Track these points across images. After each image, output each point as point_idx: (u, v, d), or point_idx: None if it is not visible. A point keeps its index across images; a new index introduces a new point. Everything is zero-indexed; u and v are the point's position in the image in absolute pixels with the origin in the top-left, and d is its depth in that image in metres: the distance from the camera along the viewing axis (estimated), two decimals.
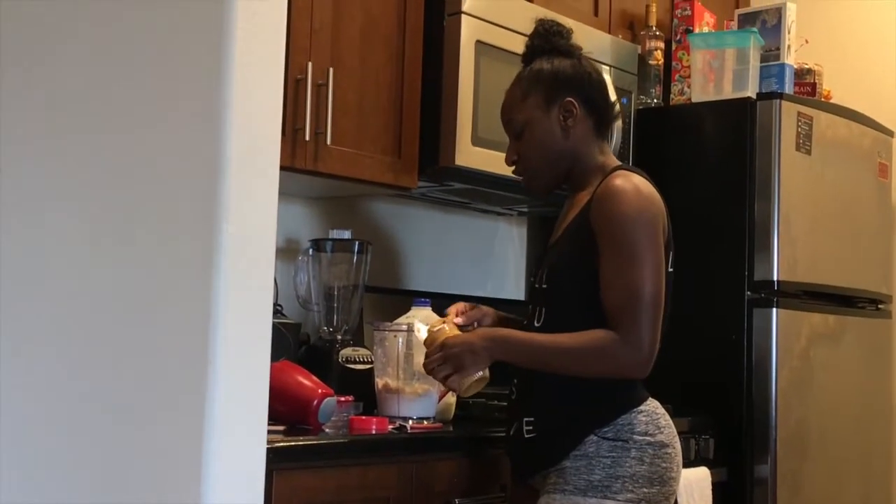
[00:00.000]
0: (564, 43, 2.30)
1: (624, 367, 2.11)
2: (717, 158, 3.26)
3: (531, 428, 2.19)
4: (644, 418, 2.15)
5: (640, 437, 2.13)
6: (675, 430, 2.21)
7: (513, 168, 2.33)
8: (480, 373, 2.17)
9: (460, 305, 2.35)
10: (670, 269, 2.23)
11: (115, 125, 1.93)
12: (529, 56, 2.32)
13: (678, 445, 2.20)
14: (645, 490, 2.11)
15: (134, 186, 1.89)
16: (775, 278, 3.11)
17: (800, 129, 3.20)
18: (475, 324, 2.33)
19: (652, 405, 2.19)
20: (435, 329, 2.23)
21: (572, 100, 2.24)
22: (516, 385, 2.26)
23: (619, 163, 2.30)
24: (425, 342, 2.23)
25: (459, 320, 2.30)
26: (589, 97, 2.27)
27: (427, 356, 2.19)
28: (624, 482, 2.09)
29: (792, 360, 3.13)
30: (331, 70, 2.53)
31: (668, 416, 2.21)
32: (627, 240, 2.12)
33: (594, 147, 2.28)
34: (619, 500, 2.09)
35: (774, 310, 3.09)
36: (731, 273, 3.15)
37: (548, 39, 2.30)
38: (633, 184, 2.16)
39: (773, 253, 3.11)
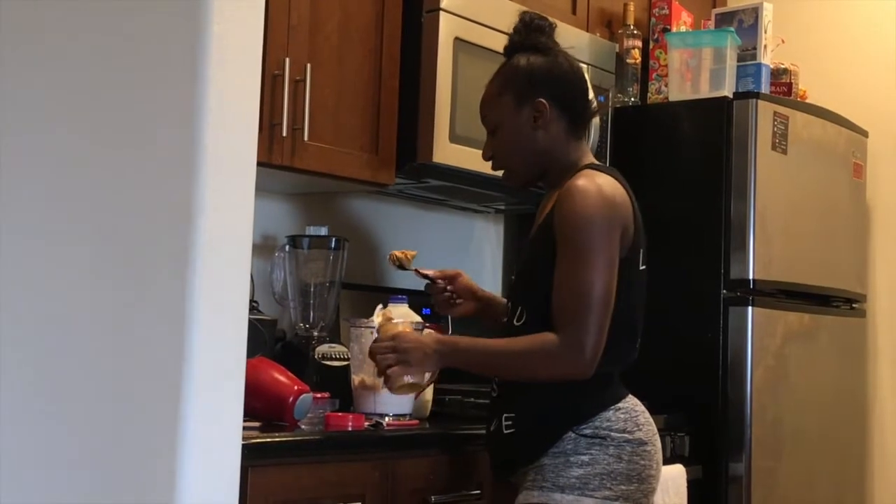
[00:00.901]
0: (544, 40, 2.29)
1: (565, 369, 2.10)
2: (694, 157, 3.27)
3: (510, 423, 2.19)
4: (623, 416, 2.16)
5: (619, 435, 2.13)
6: (654, 428, 2.21)
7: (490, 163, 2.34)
8: (417, 378, 2.17)
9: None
10: (642, 268, 2.23)
11: (89, 122, 1.91)
12: (510, 50, 2.31)
13: (658, 443, 2.21)
14: (623, 487, 2.11)
15: (109, 183, 1.88)
16: (751, 277, 3.12)
17: (776, 129, 3.21)
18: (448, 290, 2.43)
19: (631, 402, 2.20)
20: (392, 321, 2.25)
21: (543, 100, 2.23)
22: (497, 382, 2.26)
23: (592, 161, 2.28)
24: (378, 329, 2.25)
25: (417, 319, 2.31)
26: (563, 97, 2.25)
27: (376, 341, 2.19)
28: (602, 479, 2.10)
29: (767, 358, 3.15)
30: (308, 66, 2.53)
31: (647, 414, 2.22)
32: (579, 241, 2.11)
33: (568, 146, 2.27)
34: (596, 498, 2.09)
35: (750, 308, 3.10)
36: (707, 272, 3.16)
37: (527, 35, 2.29)
38: (595, 184, 2.14)
39: (749, 252, 3.12)
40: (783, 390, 3.20)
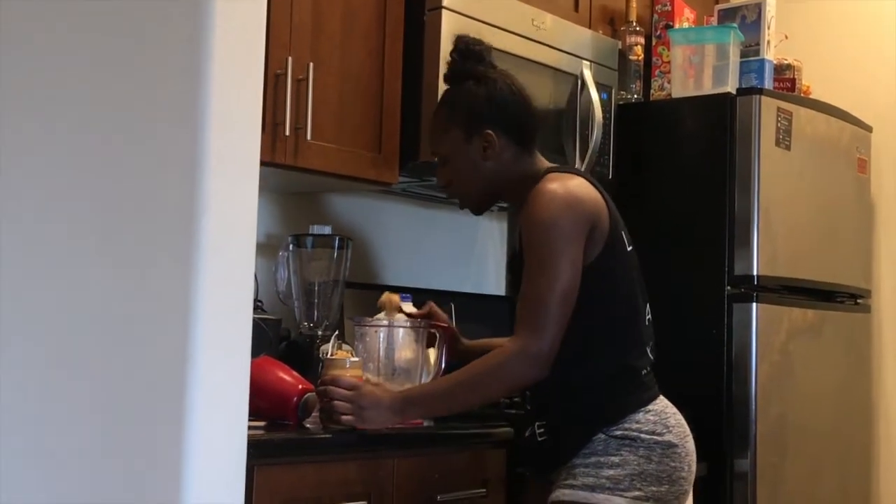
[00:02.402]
0: (482, 68, 2.32)
1: (518, 376, 2.13)
2: (697, 154, 3.26)
3: (542, 431, 2.23)
4: (652, 417, 2.17)
5: (648, 437, 2.14)
6: (686, 430, 2.23)
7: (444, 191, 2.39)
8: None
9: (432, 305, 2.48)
10: (630, 248, 2.24)
11: (93, 121, 1.91)
12: (450, 78, 2.35)
13: (689, 445, 2.22)
14: (653, 489, 2.12)
15: (112, 183, 1.88)
16: (755, 273, 3.12)
17: (779, 125, 3.21)
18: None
19: (661, 404, 2.21)
20: (340, 360, 2.27)
21: (490, 131, 2.27)
22: (529, 395, 2.29)
23: (548, 165, 2.31)
24: (328, 367, 2.25)
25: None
26: (508, 123, 2.28)
27: (336, 383, 2.18)
28: (632, 480, 2.11)
29: (772, 354, 3.14)
30: (311, 65, 2.52)
31: (679, 416, 2.23)
32: (539, 245, 2.14)
33: (522, 161, 2.30)
34: (627, 498, 2.10)
35: (754, 304, 3.10)
36: (710, 268, 3.16)
37: (464, 63, 2.33)
38: (562, 185, 2.17)
39: (753, 248, 3.12)
40: (788, 386, 3.20)
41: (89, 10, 1.92)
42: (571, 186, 2.18)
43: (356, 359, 2.32)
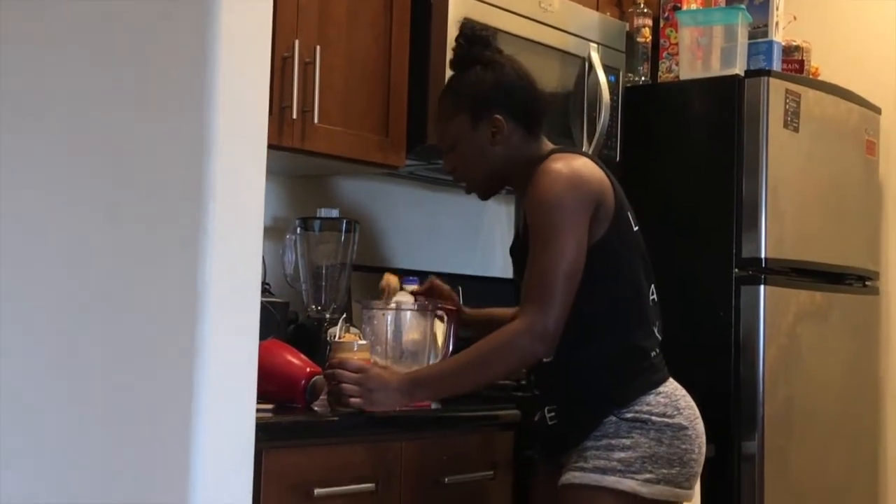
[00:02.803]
0: (488, 53, 2.31)
1: (524, 353, 2.12)
2: (705, 136, 3.25)
3: (553, 415, 2.23)
4: (663, 399, 2.17)
5: (659, 419, 2.15)
6: (696, 412, 2.23)
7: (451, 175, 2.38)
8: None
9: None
10: (636, 229, 2.24)
11: (100, 105, 1.91)
12: (456, 63, 2.34)
13: (699, 427, 2.22)
14: (664, 471, 2.13)
15: (120, 166, 1.88)
16: (763, 255, 3.11)
17: (787, 107, 3.20)
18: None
19: (671, 387, 2.21)
20: (348, 343, 2.28)
21: (499, 116, 2.26)
22: (535, 374, 2.28)
23: (551, 147, 2.31)
24: (336, 350, 2.26)
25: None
26: (516, 108, 2.28)
27: (343, 366, 2.18)
28: (643, 462, 2.12)
29: (779, 337, 3.14)
30: (318, 48, 2.52)
31: (688, 399, 2.23)
32: (544, 223, 2.14)
33: (528, 145, 2.30)
34: (637, 480, 2.11)
35: (762, 287, 3.10)
36: (718, 250, 3.16)
37: (470, 48, 2.31)
38: (566, 164, 2.17)
39: (761, 230, 3.12)
40: (796, 369, 3.20)
41: None
42: (576, 166, 2.18)
43: (364, 342, 2.32)
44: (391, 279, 2.50)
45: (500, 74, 2.28)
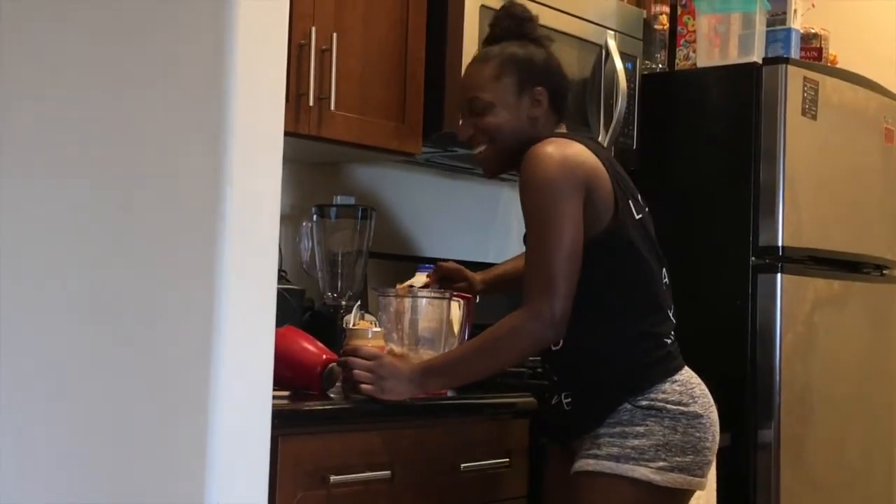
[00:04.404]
0: (537, 31, 2.32)
1: (533, 340, 2.12)
2: (723, 124, 3.24)
3: (569, 400, 2.23)
4: (678, 388, 2.17)
5: (674, 407, 2.14)
6: (710, 400, 2.23)
7: (469, 142, 2.32)
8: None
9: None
10: (639, 216, 2.23)
11: (118, 91, 1.91)
12: (499, 37, 2.31)
13: (714, 415, 2.22)
14: (678, 459, 2.12)
15: (137, 152, 1.88)
16: (780, 244, 3.10)
17: (806, 94, 3.18)
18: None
19: (686, 375, 2.21)
20: (362, 330, 2.29)
21: (543, 89, 2.26)
22: (548, 361, 2.28)
23: (563, 132, 2.30)
24: (350, 337, 2.27)
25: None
26: (556, 89, 2.29)
27: (357, 353, 2.19)
28: (657, 450, 2.12)
29: (796, 325, 3.13)
30: (334, 35, 2.52)
31: (703, 387, 2.23)
32: (536, 207, 2.14)
33: (551, 128, 2.30)
34: (651, 468, 2.11)
35: (779, 275, 3.09)
36: (735, 238, 3.15)
37: (521, 24, 2.31)
38: (552, 147, 2.16)
39: (778, 218, 3.11)
40: (812, 357, 3.19)
41: None
42: (566, 148, 2.17)
43: (378, 329, 2.33)
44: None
45: (548, 53, 2.31)
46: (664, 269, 2.27)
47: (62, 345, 1.94)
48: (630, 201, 2.22)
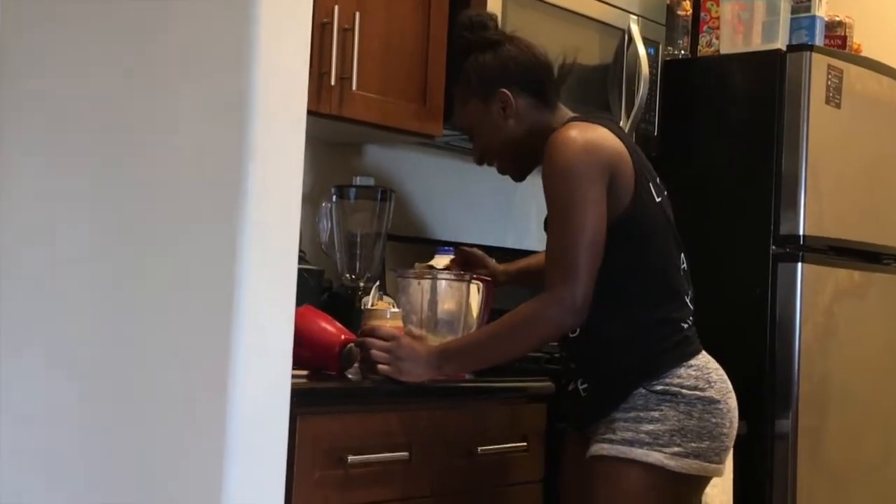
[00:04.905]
0: (490, 34, 2.32)
1: (554, 325, 2.11)
2: (745, 111, 3.22)
3: (586, 386, 2.22)
4: (694, 372, 2.15)
5: (689, 392, 2.13)
6: (728, 386, 2.21)
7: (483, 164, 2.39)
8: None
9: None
10: (658, 200, 2.21)
11: (141, 68, 1.91)
12: (463, 52, 2.34)
13: (732, 401, 2.20)
14: (694, 444, 2.11)
15: (160, 127, 1.88)
16: (801, 233, 3.08)
17: (829, 83, 3.15)
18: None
19: (703, 360, 2.19)
20: (381, 310, 2.30)
21: (504, 90, 2.26)
22: (565, 347, 2.27)
23: (570, 116, 2.28)
24: (368, 317, 2.29)
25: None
26: (520, 80, 2.27)
27: (375, 333, 2.19)
28: (672, 435, 2.10)
29: (816, 315, 3.11)
30: (357, 14, 2.50)
31: (721, 372, 2.21)
32: (559, 193, 2.12)
33: (543, 116, 2.28)
34: (666, 453, 2.09)
35: (799, 265, 3.07)
36: (756, 227, 3.13)
37: (475, 34, 2.32)
38: (570, 132, 2.15)
39: (800, 207, 3.09)
40: (832, 348, 3.17)
41: None
42: (588, 133, 2.15)
43: (396, 310, 2.32)
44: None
45: (499, 51, 2.29)
46: (682, 254, 2.25)
47: (82, 325, 1.93)
48: (650, 184, 2.21)
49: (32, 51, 2.06)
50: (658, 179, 2.27)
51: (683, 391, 2.13)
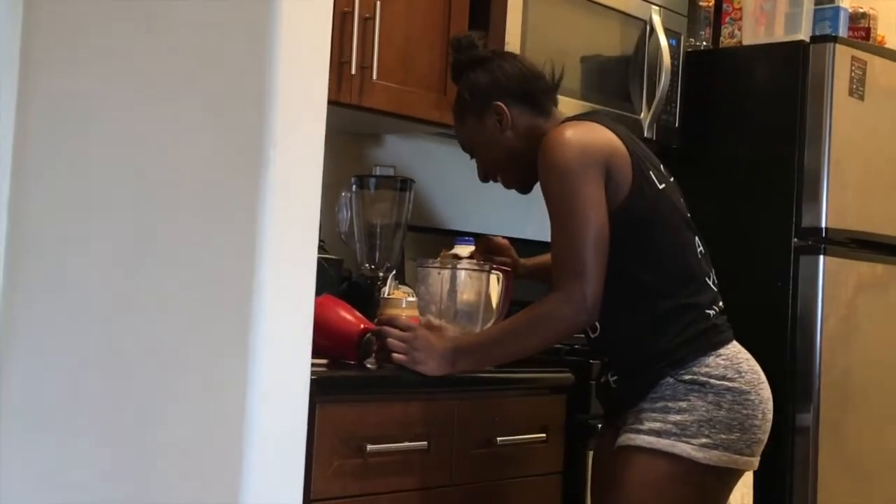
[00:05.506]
0: (479, 52, 2.33)
1: (567, 323, 2.10)
2: (767, 103, 3.20)
3: (616, 378, 2.21)
4: (723, 362, 2.13)
5: (718, 382, 2.10)
6: (760, 377, 2.18)
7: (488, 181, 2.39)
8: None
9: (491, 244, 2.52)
10: (662, 186, 2.19)
11: (163, 55, 1.91)
12: (457, 74, 2.36)
13: (764, 392, 2.17)
14: (723, 436, 2.08)
15: (181, 115, 1.88)
16: (823, 226, 3.07)
17: (853, 74, 3.13)
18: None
19: (733, 349, 2.17)
20: (397, 299, 2.30)
21: (498, 104, 2.27)
22: (596, 352, 2.28)
23: (565, 117, 2.28)
24: (384, 306, 2.30)
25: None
26: (512, 92, 2.28)
27: (392, 322, 2.19)
28: (700, 426, 2.08)
29: (838, 308, 3.09)
30: (378, 4, 2.50)
31: (752, 362, 2.18)
32: (557, 194, 2.12)
33: (540, 123, 2.28)
34: (693, 444, 2.07)
35: (821, 257, 3.05)
36: (778, 219, 3.11)
37: (467, 54, 2.34)
38: (560, 133, 2.14)
39: (822, 200, 3.07)
40: (854, 341, 3.15)
41: None
42: (579, 130, 2.15)
43: (413, 299, 2.31)
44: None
45: (489, 67, 2.30)
46: (697, 238, 2.23)
47: (100, 312, 1.93)
48: (651, 172, 2.19)
49: (55, 51, 2.06)
50: (662, 167, 2.25)
51: (712, 381, 2.10)
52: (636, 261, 2.14)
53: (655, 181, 2.19)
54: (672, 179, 2.26)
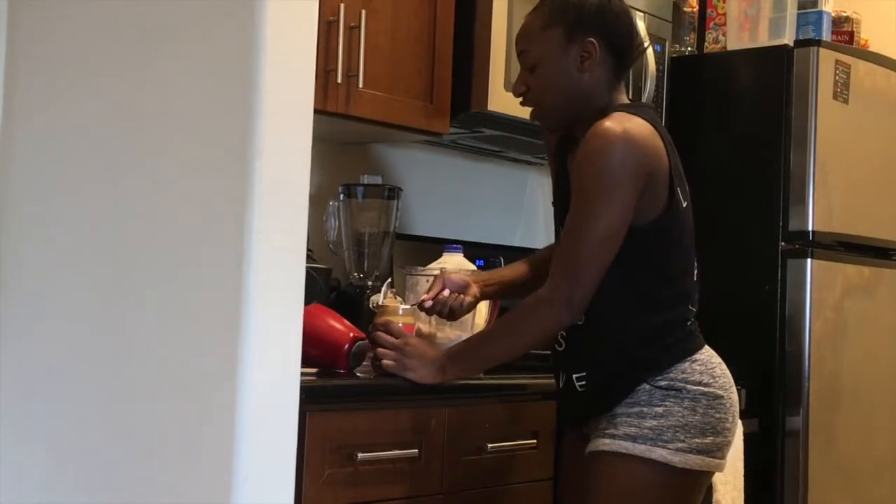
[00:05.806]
0: None
1: (552, 322, 2.08)
2: (752, 107, 3.22)
3: (583, 383, 2.16)
4: (698, 367, 2.12)
5: (694, 387, 2.10)
6: (731, 381, 2.17)
7: (520, 99, 2.22)
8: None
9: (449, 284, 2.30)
10: (685, 204, 2.14)
11: (147, 69, 1.91)
12: None
13: (734, 396, 2.17)
14: (697, 440, 2.08)
15: (167, 126, 1.87)
16: (810, 229, 3.08)
17: (837, 78, 3.15)
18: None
19: (707, 354, 2.16)
20: (393, 306, 2.28)
21: (593, 40, 2.13)
22: (564, 338, 2.20)
23: (626, 102, 2.19)
24: (380, 312, 2.27)
25: (472, 267, 2.26)
26: (612, 38, 2.15)
27: (386, 329, 2.18)
28: (676, 431, 2.07)
29: (826, 311, 3.10)
30: (363, 12, 2.50)
31: (724, 367, 2.18)
32: (589, 186, 2.04)
33: (609, 88, 2.17)
34: (669, 449, 2.06)
35: (809, 261, 3.06)
36: (765, 223, 3.12)
37: None
38: (622, 126, 2.03)
39: (808, 203, 3.08)
40: (842, 344, 3.16)
41: None
42: (630, 127, 2.04)
43: (408, 306, 2.31)
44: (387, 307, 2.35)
45: (607, 1, 2.16)
46: (694, 260, 2.23)
47: (90, 323, 1.93)
48: (679, 188, 2.13)
49: (41, 55, 2.06)
50: (685, 183, 2.18)
51: (688, 386, 2.10)
52: (646, 275, 2.12)
53: (681, 199, 2.13)
54: (689, 197, 2.18)
